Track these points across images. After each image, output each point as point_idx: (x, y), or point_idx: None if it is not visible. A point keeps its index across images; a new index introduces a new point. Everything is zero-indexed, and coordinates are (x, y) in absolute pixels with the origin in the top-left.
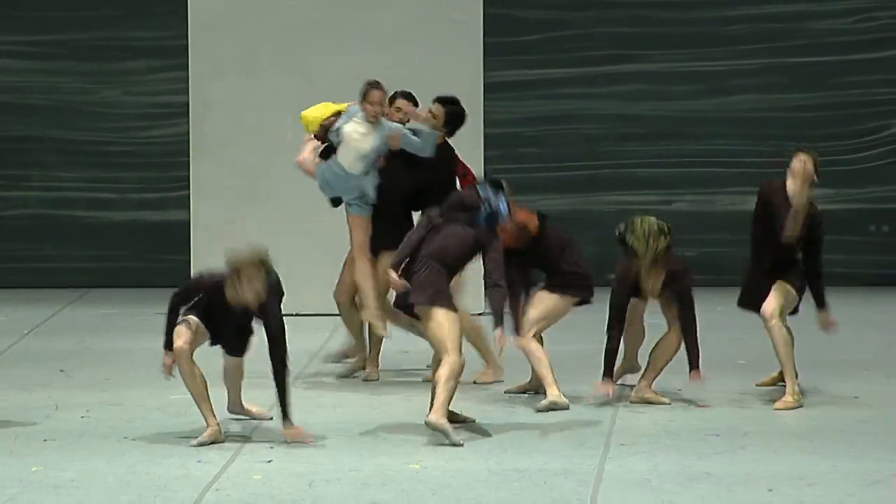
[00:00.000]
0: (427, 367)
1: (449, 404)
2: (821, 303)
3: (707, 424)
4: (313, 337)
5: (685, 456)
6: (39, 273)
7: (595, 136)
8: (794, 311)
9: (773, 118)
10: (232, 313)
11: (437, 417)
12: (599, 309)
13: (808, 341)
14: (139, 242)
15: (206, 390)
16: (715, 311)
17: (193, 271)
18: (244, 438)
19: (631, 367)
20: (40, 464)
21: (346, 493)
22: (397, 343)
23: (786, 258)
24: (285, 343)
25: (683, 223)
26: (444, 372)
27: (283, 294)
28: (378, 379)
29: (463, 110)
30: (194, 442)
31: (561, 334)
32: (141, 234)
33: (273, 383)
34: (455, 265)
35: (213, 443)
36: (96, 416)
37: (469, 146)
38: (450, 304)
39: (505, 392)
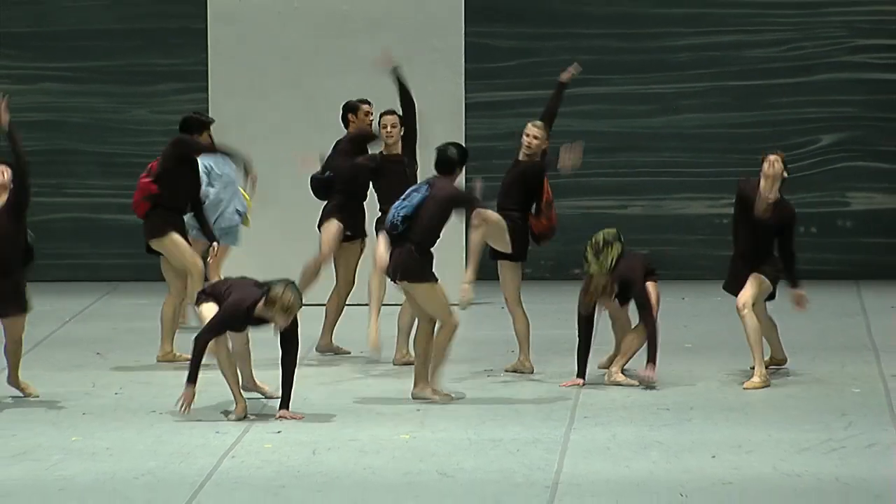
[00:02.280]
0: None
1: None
2: (794, 283)
3: (658, 400)
4: (315, 324)
5: (639, 427)
6: (77, 269)
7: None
8: (771, 296)
9: (714, 134)
10: (253, 321)
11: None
12: (568, 300)
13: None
14: None
15: (236, 371)
16: (664, 302)
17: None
18: (256, 413)
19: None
20: (79, 434)
21: (345, 459)
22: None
23: (761, 249)
24: (298, 347)
25: (636, 225)
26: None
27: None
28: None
29: None
30: (231, 416)
31: (531, 319)
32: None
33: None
34: None
35: (243, 418)
36: (128, 392)
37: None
38: None
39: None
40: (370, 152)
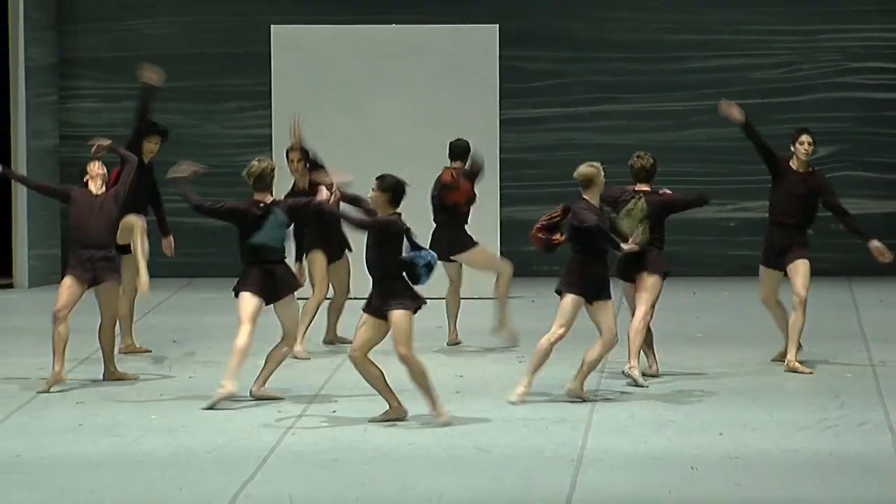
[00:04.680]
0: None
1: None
2: (863, 237)
3: (671, 384)
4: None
5: (655, 408)
6: (157, 266)
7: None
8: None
9: (722, 147)
10: None
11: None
12: None
13: (748, 322)
14: (232, 243)
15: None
16: (678, 297)
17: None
18: (313, 394)
19: (649, 367)
20: (157, 413)
21: (392, 435)
22: (437, 320)
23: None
24: None
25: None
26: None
27: None
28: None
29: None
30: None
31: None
32: (234, 237)
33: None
34: None
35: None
36: (200, 375)
37: (487, 169)
38: None
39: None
40: None
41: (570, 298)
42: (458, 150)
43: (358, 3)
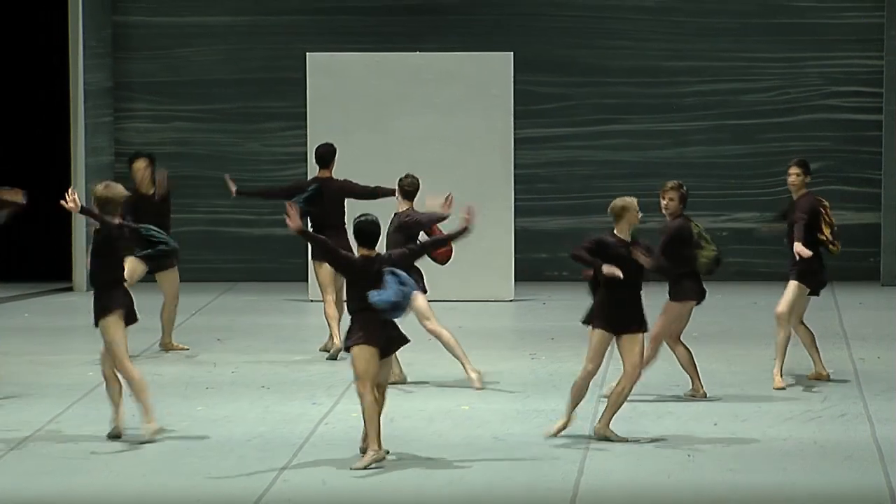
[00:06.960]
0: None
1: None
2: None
3: (669, 379)
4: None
5: (655, 400)
6: (203, 272)
7: (591, 175)
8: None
9: (717, 163)
10: None
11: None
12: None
13: (739, 323)
14: (272, 250)
15: None
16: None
17: (310, 272)
18: (345, 388)
19: (696, 390)
20: (203, 405)
21: (417, 425)
22: (453, 321)
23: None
24: None
25: (652, 237)
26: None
27: None
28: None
29: None
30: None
31: (562, 313)
32: (273, 244)
33: None
34: None
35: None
36: (242, 371)
37: (502, 183)
38: None
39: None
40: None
41: (598, 333)
42: (412, 188)
43: (386, 32)
